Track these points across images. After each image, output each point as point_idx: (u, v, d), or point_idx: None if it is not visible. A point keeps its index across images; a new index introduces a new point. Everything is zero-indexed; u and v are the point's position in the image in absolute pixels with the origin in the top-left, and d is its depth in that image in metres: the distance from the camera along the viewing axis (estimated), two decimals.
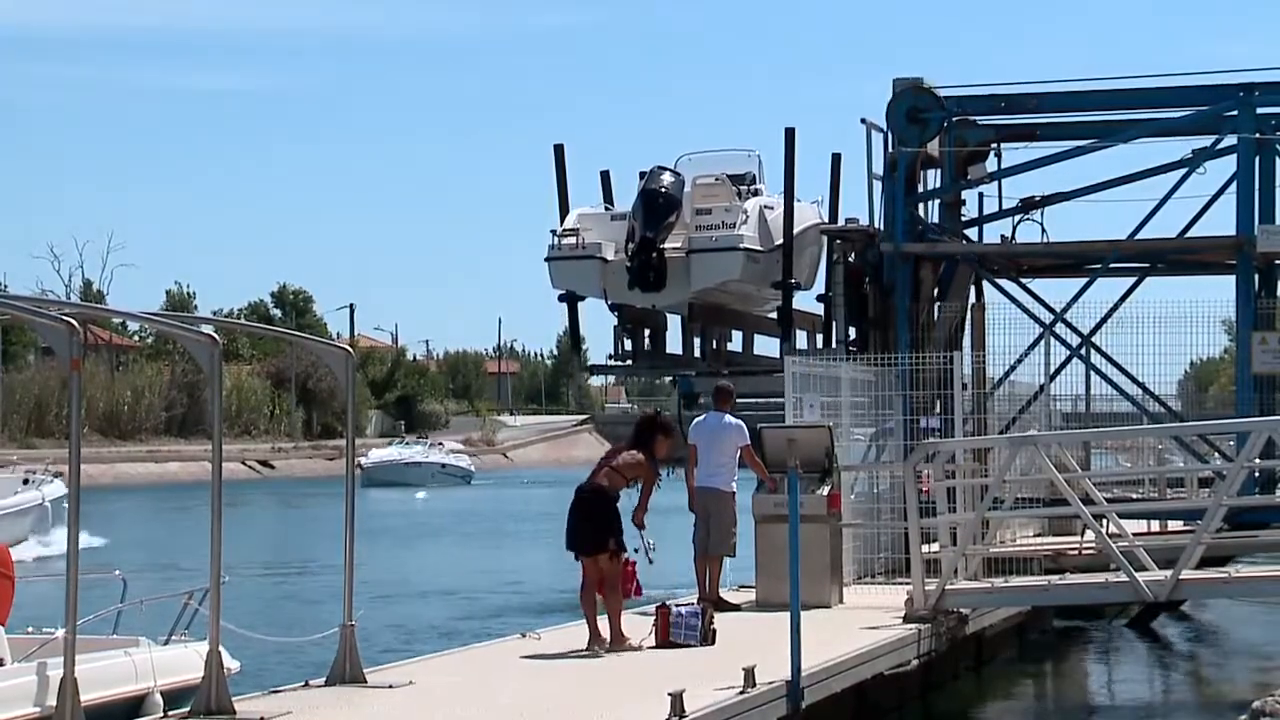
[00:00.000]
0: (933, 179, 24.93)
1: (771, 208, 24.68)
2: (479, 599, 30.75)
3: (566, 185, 25.53)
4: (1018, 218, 25.18)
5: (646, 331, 25.88)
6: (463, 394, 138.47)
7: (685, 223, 24.27)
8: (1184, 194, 23.92)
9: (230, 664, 12.69)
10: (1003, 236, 25.57)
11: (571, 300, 25.31)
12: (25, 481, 41.74)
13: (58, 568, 11.91)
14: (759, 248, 24.28)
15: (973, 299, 24.89)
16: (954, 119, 24.37)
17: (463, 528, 53.20)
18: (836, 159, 25.72)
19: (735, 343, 27.07)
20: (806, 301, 26.22)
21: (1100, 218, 25.90)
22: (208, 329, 12.60)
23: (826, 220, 25.40)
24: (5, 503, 40.40)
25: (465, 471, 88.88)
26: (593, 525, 15.19)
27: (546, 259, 24.69)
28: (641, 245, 23.72)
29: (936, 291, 24.72)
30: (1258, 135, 23.37)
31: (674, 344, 26.25)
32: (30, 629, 13.91)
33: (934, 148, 24.29)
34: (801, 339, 26.38)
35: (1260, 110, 23.59)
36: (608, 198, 25.65)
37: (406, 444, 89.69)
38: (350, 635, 13.38)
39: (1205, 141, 24.00)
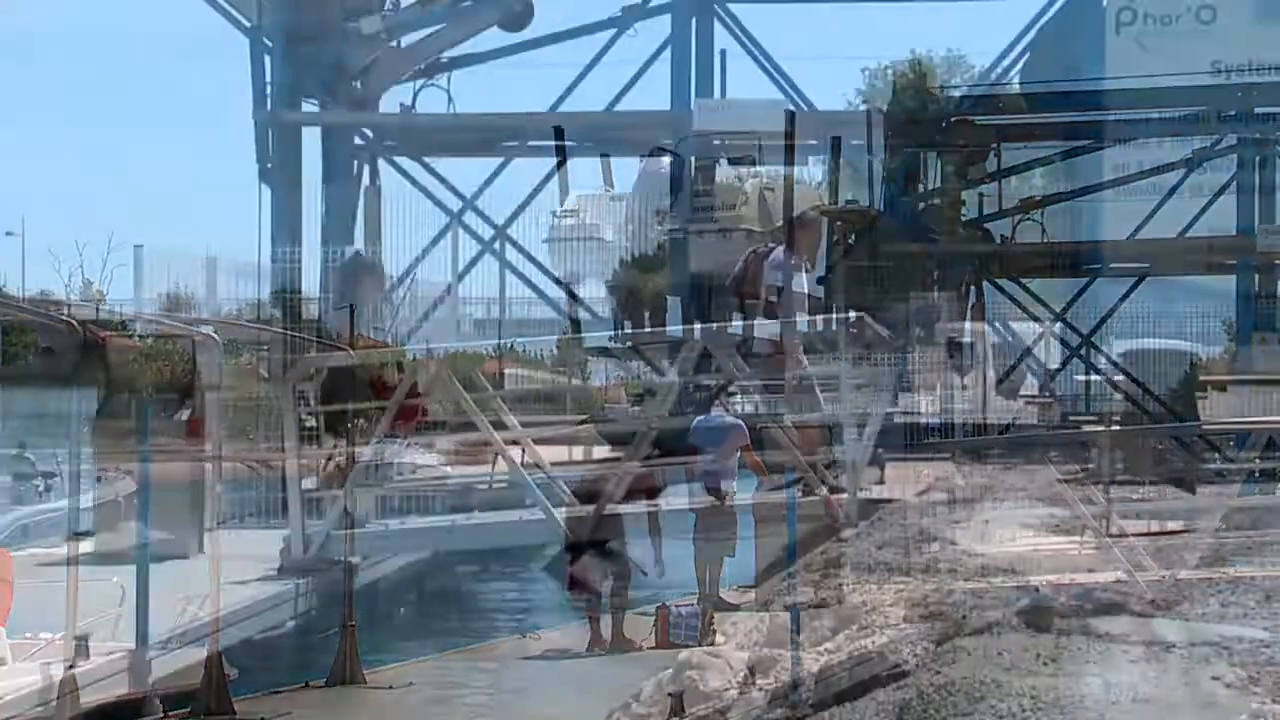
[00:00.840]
0: (933, 165, 24.86)
1: (772, 189, 24.66)
2: (478, 599, 30.66)
3: (566, 167, 25.51)
4: (1018, 218, 25.16)
5: (646, 314, 25.86)
6: None
7: (685, 204, 24.26)
8: (1184, 194, 23.92)
9: (228, 671, 12.67)
10: (1003, 236, 25.54)
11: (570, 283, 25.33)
12: (98, 479, 41.52)
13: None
14: (759, 229, 24.26)
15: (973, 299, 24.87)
16: (954, 119, 24.34)
17: (454, 526, 52.91)
18: (837, 141, 25.69)
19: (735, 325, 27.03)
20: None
21: (1100, 218, 25.87)
22: (208, 329, 12.61)
23: (826, 202, 25.37)
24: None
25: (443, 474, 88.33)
26: (591, 526, 15.17)
27: (546, 240, 24.75)
28: (641, 227, 23.74)
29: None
30: (1258, 135, 23.35)
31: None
32: (28, 634, 13.88)
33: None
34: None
35: (1260, 110, 23.58)
36: (607, 179, 25.62)
37: (382, 444, 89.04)
38: (350, 635, 13.36)
39: (1205, 142, 23.98)
